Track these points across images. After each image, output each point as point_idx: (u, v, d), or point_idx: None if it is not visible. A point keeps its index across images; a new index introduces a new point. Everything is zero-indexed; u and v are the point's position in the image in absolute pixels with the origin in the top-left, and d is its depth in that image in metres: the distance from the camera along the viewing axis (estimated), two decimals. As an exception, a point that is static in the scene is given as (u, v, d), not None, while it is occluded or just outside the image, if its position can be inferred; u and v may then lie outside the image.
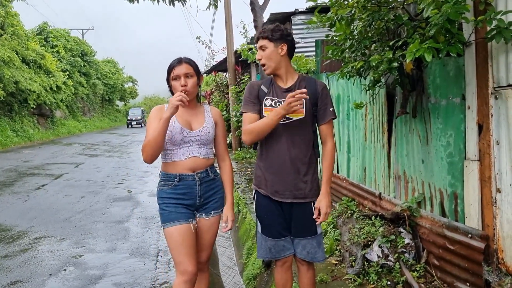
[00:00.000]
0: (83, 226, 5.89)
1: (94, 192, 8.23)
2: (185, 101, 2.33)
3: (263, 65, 2.49)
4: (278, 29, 2.49)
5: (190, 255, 2.44)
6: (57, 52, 31.42)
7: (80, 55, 35.63)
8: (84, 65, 35.71)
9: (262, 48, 2.47)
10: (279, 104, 2.46)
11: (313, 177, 2.55)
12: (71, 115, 31.95)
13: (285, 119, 2.44)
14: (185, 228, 2.47)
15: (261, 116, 2.54)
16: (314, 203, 2.54)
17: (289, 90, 2.49)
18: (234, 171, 8.89)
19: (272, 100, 2.50)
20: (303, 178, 2.49)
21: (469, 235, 2.90)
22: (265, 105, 2.50)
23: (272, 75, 2.59)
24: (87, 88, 36.30)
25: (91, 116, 37.53)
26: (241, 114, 2.61)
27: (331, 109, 2.54)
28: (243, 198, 6.42)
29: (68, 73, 31.30)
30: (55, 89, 26.77)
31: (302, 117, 2.47)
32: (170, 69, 2.54)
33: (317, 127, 2.61)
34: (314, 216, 2.49)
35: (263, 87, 2.56)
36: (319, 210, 2.48)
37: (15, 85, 20.95)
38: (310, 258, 2.56)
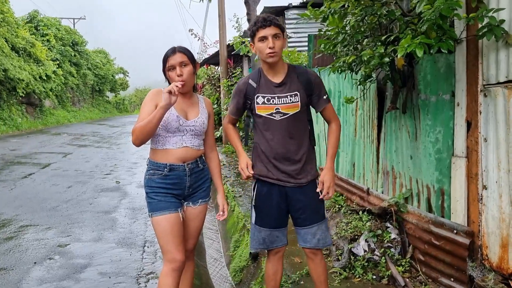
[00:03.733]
0: (70, 215, 5.83)
1: (81, 182, 8.14)
2: (175, 90, 2.31)
3: (274, 53, 2.38)
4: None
5: (178, 244, 2.44)
6: (48, 41, 30.95)
7: (71, 44, 35.14)
8: (74, 55, 35.23)
9: (276, 36, 2.37)
10: (272, 101, 2.44)
11: (311, 166, 2.55)
12: (60, 105, 31.55)
13: (281, 114, 2.44)
14: (174, 217, 2.46)
15: (241, 115, 2.67)
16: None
17: (281, 84, 2.47)
18: (224, 165, 8.88)
19: (264, 97, 2.46)
20: (302, 167, 2.48)
21: (455, 231, 2.93)
22: (257, 103, 2.47)
23: (260, 68, 2.56)
24: (77, 78, 35.84)
25: (80, 106, 37.06)
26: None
27: (324, 96, 2.55)
28: (232, 191, 6.42)
29: (58, 62, 30.84)
30: (45, 78, 26.40)
31: (298, 110, 2.46)
32: (165, 59, 2.52)
33: (311, 115, 2.62)
34: (318, 190, 2.48)
35: (251, 82, 2.51)
36: (323, 184, 2.47)
37: (3, 73, 20.63)
38: (322, 244, 2.55)
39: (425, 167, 3.38)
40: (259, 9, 10.01)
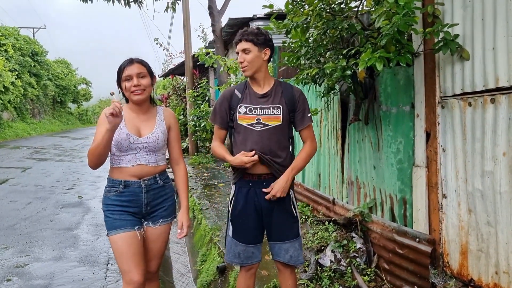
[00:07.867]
0: (29, 233, 5.60)
1: (42, 198, 7.85)
2: (117, 111, 2.19)
3: (244, 67, 2.44)
4: (262, 33, 2.46)
5: (136, 263, 2.34)
6: (5, 51, 29.87)
7: (31, 54, 34.04)
8: (34, 65, 34.13)
9: (245, 51, 2.42)
10: (254, 111, 2.44)
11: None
12: (19, 117, 30.45)
13: (262, 125, 2.42)
14: (130, 236, 2.37)
15: (228, 127, 2.54)
16: (294, 206, 2.55)
17: (265, 95, 2.47)
18: (190, 176, 8.75)
19: (246, 107, 2.45)
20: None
21: (417, 240, 2.99)
22: (239, 113, 2.45)
23: (247, 79, 2.56)
24: (38, 89, 34.71)
25: (41, 118, 35.87)
26: (198, 119, 2.62)
27: (308, 114, 2.54)
28: (199, 204, 6.34)
29: (17, 73, 29.83)
30: (2, 90, 25.45)
31: (279, 123, 2.45)
32: (121, 70, 2.42)
33: (294, 133, 2.60)
34: (266, 191, 2.42)
35: (236, 92, 2.51)
36: (271, 189, 2.42)
37: (-43, 84, 19.75)
38: (294, 262, 2.54)
39: (387, 177, 3.44)
40: (224, 20, 10.04)
